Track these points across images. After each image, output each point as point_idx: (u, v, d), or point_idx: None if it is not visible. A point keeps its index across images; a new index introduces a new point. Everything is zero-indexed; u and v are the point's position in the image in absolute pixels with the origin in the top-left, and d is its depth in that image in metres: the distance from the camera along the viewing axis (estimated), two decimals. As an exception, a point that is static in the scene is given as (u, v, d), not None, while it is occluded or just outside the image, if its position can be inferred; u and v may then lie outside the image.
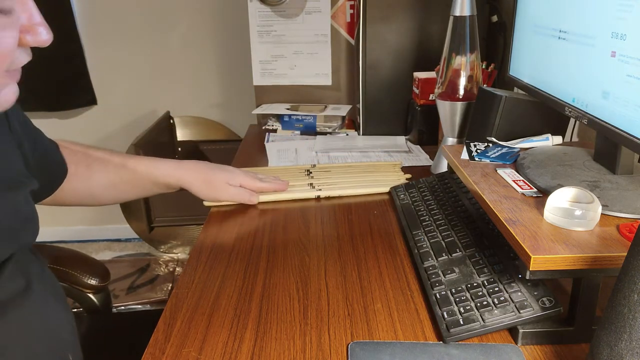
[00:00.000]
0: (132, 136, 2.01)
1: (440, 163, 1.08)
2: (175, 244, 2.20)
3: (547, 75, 0.84)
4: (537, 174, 0.74)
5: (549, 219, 0.61)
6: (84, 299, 1.04)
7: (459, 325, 0.59)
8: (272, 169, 1.18)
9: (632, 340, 0.39)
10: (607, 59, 0.66)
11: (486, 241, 0.72)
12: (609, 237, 0.58)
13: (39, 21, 0.50)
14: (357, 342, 0.59)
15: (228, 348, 0.59)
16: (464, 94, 1.03)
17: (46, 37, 0.50)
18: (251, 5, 1.50)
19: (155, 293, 1.89)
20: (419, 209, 0.88)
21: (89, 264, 1.06)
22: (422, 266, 0.72)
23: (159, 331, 0.63)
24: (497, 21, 1.33)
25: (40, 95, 2.27)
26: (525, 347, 0.59)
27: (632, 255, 0.40)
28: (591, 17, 0.70)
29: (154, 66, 2.32)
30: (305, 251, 0.81)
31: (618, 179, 0.70)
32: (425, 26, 1.31)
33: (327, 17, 1.51)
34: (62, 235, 2.47)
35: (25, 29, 0.49)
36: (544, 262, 0.54)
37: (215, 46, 2.30)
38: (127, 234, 2.38)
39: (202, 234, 0.88)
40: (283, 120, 1.48)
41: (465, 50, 1.00)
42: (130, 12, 2.24)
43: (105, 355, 0.98)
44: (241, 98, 2.28)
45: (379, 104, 1.37)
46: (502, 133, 0.93)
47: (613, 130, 0.66)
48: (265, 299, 0.68)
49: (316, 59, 1.55)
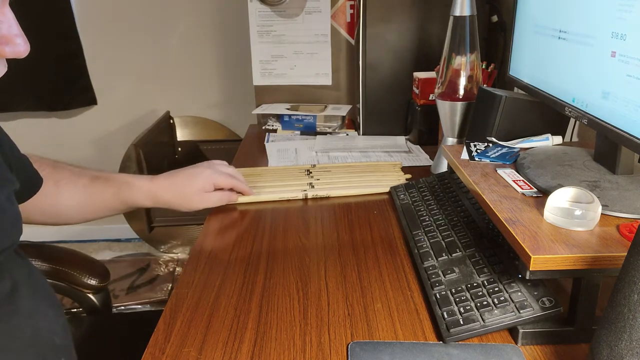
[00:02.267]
0: (132, 136, 2.01)
1: (440, 163, 1.08)
2: (175, 244, 2.20)
3: (547, 75, 0.84)
4: (537, 174, 0.74)
5: (549, 219, 0.61)
6: (83, 299, 1.04)
7: (459, 325, 0.59)
8: (272, 169, 1.18)
9: (632, 340, 0.39)
10: (607, 59, 0.66)
11: (486, 241, 0.72)
12: (609, 237, 0.58)
13: (17, 32, 0.49)
14: (357, 342, 0.59)
15: (228, 348, 0.59)
16: (464, 94, 1.03)
17: (24, 47, 0.50)
18: (251, 5, 1.50)
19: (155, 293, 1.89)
20: (419, 209, 0.88)
21: (88, 264, 1.06)
22: (422, 266, 0.72)
23: (159, 331, 0.63)
24: (497, 21, 1.33)
25: (40, 95, 2.27)
26: (525, 347, 0.59)
27: (632, 255, 0.40)
28: (591, 17, 0.70)
29: (154, 66, 2.32)
30: (305, 251, 0.81)
31: (618, 179, 0.70)
32: (425, 26, 1.31)
33: (327, 17, 1.51)
34: (62, 235, 2.47)
35: (4, 39, 0.49)
36: (544, 262, 0.54)
37: (215, 46, 2.30)
38: (127, 234, 2.38)
39: (202, 234, 0.88)
40: (283, 120, 1.48)
41: (465, 50, 1.00)
42: (130, 12, 2.24)
43: (105, 355, 0.98)
44: (241, 98, 2.28)
45: (379, 104, 1.37)
46: (502, 133, 0.93)
47: (613, 130, 0.66)
48: (265, 299, 0.68)
49: (316, 59, 1.55)
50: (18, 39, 0.50)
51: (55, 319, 0.66)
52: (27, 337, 0.60)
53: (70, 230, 2.47)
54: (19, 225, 0.63)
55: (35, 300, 0.63)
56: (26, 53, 0.50)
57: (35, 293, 0.63)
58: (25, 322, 0.60)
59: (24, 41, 0.50)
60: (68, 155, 2.42)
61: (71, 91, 2.30)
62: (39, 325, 0.62)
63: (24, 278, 0.62)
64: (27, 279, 0.63)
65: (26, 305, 0.61)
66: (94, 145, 2.45)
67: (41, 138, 2.39)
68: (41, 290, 0.66)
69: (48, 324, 0.64)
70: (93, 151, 2.46)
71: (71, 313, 1.15)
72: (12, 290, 0.59)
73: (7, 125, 2.64)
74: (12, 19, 0.49)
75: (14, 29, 0.49)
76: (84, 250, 2.10)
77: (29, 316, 0.61)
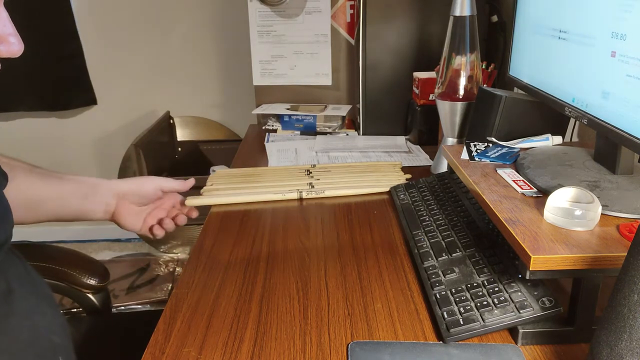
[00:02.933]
0: (132, 136, 2.01)
1: (440, 163, 1.08)
2: (175, 244, 2.20)
3: (547, 75, 0.84)
4: (537, 174, 0.74)
5: (549, 219, 0.61)
6: (83, 299, 1.04)
7: (459, 325, 0.59)
8: (272, 169, 1.18)
9: (632, 340, 0.39)
10: (607, 59, 0.66)
11: (486, 241, 0.72)
12: (609, 237, 0.58)
13: (11, 31, 0.49)
14: (357, 342, 0.59)
15: (228, 348, 0.59)
16: (464, 94, 1.03)
17: (17, 47, 0.50)
18: (251, 5, 1.50)
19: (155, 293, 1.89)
20: (419, 209, 0.88)
21: (88, 264, 1.06)
22: (422, 266, 0.72)
23: (159, 331, 0.63)
24: (497, 21, 1.33)
25: (40, 95, 2.27)
26: (525, 347, 0.59)
27: (632, 255, 0.40)
28: (591, 17, 0.70)
29: (154, 66, 2.32)
30: (305, 251, 0.81)
31: (618, 179, 0.70)
32: (425, 26, 1.31)
33: (327, 17, 1.51)
34: (62, 235, 2.47)
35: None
36: (544, 262, 0.54)
37: (215, 46, 2.30)
38: (127, 234, 2.38)
39: (202, 234, 0.88)
40: (283, 120, 1.48)
41: (465, 50, 1.00)
42: (130, 12, 2.24)
43: (105, 355, 0.98)
44: (241, 98, 2.28)
45: (379, 104, 1.37)
46: (502, 133, 0.93)
47: (613, 130, 0.66)
48: (265, 299, 0.68)
49: (316, 59, 1.55)
50: (12, 38, 0.50)
51: (53, 319, 0.65)
52: (25, 337, 0.60)
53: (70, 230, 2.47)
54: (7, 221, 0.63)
55: (32, 300, 0.63)
56: (20, 52, 0.50)
57: (32, 293, 0.63)
58: (22, 322, 0.60)
59: (18, 40, 0.50)
60: (68, 155, 2.42)
61: (71, 91, 2.30)
62: (37, 325, 0.62)
63: (20, 278, 0.62)
64: (23, 278, 0.63)
65: (23, 305, 0.61)
66: (94, 145, 2.45)
67: (41, 138, 2.39)
68: (39, 290, 0.65)
69: (46, 323, 0.64)
70: (93, 151, 2.46)
71: (71, 313, 1.15)
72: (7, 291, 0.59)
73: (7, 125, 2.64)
74: (6, 18, 0.50)
75: (8, 28, 0.50)
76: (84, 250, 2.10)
77: (26, 316, 0.61)
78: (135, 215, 0.91)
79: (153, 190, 0.90)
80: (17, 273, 0.62)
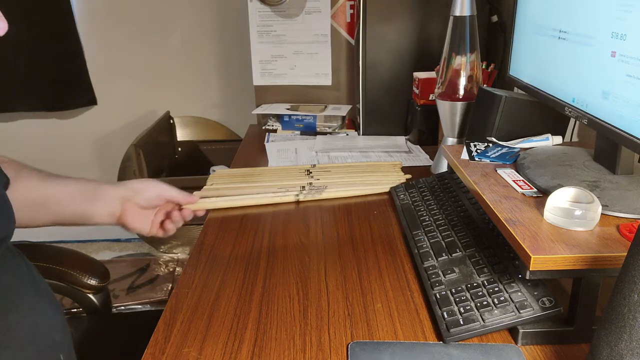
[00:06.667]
0: (132, 136, 2.01)
1: (440, 163, 1.08)
2: (175, 244, 2.20)
3: (547, 75, 0.84)
4: (537, 174, 0.74)
5: (549, 219, 0.61)
6: (83, 299, 1.04)
7: (459, 325, 0.59)
8: (272, 169, 1.18)
9: (632, 340, 0.39)
10: (607, 59, 0.66)
11: (486, 241, 0.72)
12: (609, 237, 0.58)
13: None
14: (357, 342, 0.59)
15: (228, 348, 0.59)
16: (464, 94, 1.03)
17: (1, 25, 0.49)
18: (251, 5, 1.50)
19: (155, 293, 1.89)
20: (419, 209, 0.88)
21: (88, 263, 1.06)
22: (422, 266, 0.72)
23: (159, 331, 0.63)
24: (497, 21, 1.33)
25: (40, 95, 2.27)
26: (525, 347, 0.59)
27: (632, 255, 0.40)
28: (591, 17, 0.70)
29: (154, 66, 2.32)
30: (305, 251, 0.81)
31: (618, 179, 0.70)
32: (425, 26, 1.31)
33: (327, 17, 1.51)
34: (62, 235, 2.47)
35: None
36: (544, 262, 0.54)
37: (215, 46, 2.30)
38: (127, 234, 2.38)
39: (202, 234, 0.88)
40: (283, 120, 1.48)
41: (465, 50, 1.00)
42: (130, 12, 2.24)
43: (105, 355, 0.98)
44: (241, 98, 2.28)
45: (379, 104, 1.37)
46: (502, 133, 0.93)
47: (613, 130, 0.66)
48: (265, 299, 0.68)
49: (316, 59, 1.55)
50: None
51: (54, 317, 0.66)
52: (26, 334, 0.60)
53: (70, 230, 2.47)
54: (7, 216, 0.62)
55: (34, 298, 0.63)
56: (4, 31, 0.49)
57: (34, 291, 0.63)
58: (24, 319, 0.60)
59: (2, 19, 0.49)
60: (68, 155, 2.42)
61: (71, 91, 2.30)
62: (38, 323, 0.62)
63: (22, 276, 0.62)
64: (25, 277, 0.63)
65: (25, 303, 0.61)
66: (94, 145, 2.45)
67: (41, 138, 2.39)
68: (40, 289, 0.66)
69: (47, 321, 0.64)
70: (93, 151, 2.46)
71: (71, 313, 1.15)
72: (10, 287, 0.59)
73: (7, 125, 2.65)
74: None
75: None
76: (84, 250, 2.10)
77: (27, 313, 0.61)
78: (141, 217, 0.90)
79: (156, 197, 0.89)
80: (18, 271, 0.62)
